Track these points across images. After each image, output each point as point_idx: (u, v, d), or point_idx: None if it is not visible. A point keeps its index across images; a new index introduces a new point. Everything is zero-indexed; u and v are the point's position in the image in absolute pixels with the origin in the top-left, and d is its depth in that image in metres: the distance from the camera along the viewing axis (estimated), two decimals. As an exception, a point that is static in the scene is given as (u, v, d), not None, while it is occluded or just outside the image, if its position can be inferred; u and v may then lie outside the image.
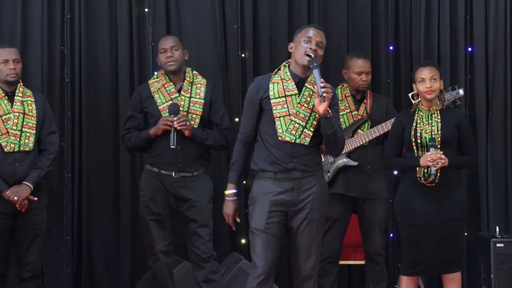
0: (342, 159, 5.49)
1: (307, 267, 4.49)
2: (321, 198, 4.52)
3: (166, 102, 5.25)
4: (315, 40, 4.46)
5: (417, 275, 5.05)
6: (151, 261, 5.31)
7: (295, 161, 4.44)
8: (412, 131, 4.93)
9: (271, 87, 4.50)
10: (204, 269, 5.23)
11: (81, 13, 6.24)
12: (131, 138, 5.30)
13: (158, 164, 5.25)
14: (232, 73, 6.35)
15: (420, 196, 4.91)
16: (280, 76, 4.53)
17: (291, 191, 4.45)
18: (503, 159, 6.37)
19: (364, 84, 5.53)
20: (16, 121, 5.12)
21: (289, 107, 4.46)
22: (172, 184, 5.23)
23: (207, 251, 5.23)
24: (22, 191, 5.05)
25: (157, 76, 5.37)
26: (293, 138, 4.44)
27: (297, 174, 4.44)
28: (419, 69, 4.96)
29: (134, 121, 5.32)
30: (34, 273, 5.19)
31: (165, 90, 5.28)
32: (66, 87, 6.23)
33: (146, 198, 5.28)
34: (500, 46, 6.37)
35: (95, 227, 6.26)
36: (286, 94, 4.48)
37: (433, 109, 4.94)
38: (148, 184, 5.29)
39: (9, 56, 5.15)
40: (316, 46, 4.45)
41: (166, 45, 5.29)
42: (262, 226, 4.43)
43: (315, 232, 4.49)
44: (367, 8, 6.41)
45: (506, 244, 5.72)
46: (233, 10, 6.33)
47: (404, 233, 5.01)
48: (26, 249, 5.17)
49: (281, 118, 4.45)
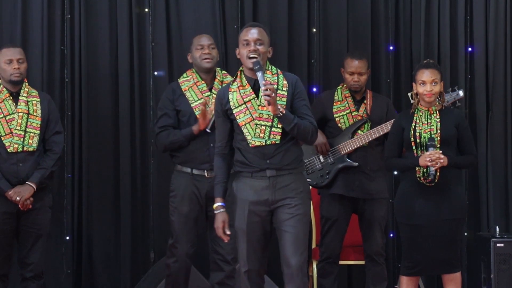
0: (342, 159, 5.49)
1: (294, 263, 4.47)
2: (302, 194, 4.51)
3: (198, 99, 5.20)
4: (252, 40, 4.46)
5: (417, 275, 5.05)
6: (171, 261, 5.23)
7: (269, 162, 4.46)
8: (411, 131, 4.93)
9: (231, 97, 4.52)
10: (223, 272, 5.20)
11: (81, 13, 6.23)
12: (169, 135, 5.21)
13: (190, 163, 5.20)
14: (232, 73, 6.32)
15: (420, 196, 4.91)
16: (237, 83, 4.55)
17: (267, 190, 4.47)
18: (503, 159, 6.38)
19: (355, 84, 5.51)
20: (20, 121, 5.11)
21: (251, 111, 4.48)
22: (204, 184, 5.18)
23: (233, 252, 5.15)
24: (25, 191, 5.04)
25: (187, 75, 5.32)
26: (262, 141, 4.46)
27: (272, 172, 4.47)
28: (421, 70, 4.93)
29: (168, 119, 5.24)
30: (36, 273, 5.18)
31: (197, 88, 5.24)
32: (66, 87, 6.22)
33: (177, 199, 5.22)
34: (500, 46, 6.37)
35: (95, 227, 6.26)
36: (245, 101, 4.49)
37: (432, 109, 4.94)
38: (180, 185, 5.22)
39: (13, 56, 5.14)
40: (255, 46, 4.45)
41: (204, 42, 5.25)
42: (243, 226, 4.50)
43: (299, 227, 4.48)
44: (367, 8, 6.41)
45: (506, 244, 5.72)
46: (233, 10, 6.33)
47: (404, 233, 5.00)
48: (29, 249, 5.16)
49: (247, 125, 4.47)
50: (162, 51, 6.29)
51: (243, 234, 4.51)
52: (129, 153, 6.22)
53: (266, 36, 4.51)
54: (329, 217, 5.50)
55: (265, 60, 4.51)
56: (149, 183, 6.28)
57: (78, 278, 6.25)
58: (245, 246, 4.51)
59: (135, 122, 6.27)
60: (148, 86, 6.27)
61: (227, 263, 5.20)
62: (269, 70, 4.56)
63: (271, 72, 4.56)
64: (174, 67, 6.24)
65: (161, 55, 6.29)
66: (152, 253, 6.22)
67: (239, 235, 4.54)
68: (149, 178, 6.27)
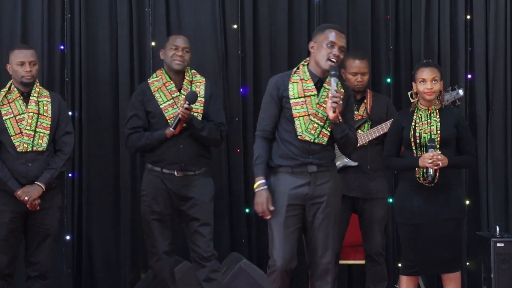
0: (342, 159, 5.49)
1: (325, 261, 4.59)
2: (336, 193, 4.65)
3: (167, 101, 5.24)
4: (338, 45, 4.54)
5: (417, 275, 5.05)
6: (153, 261, 5.30)
7: (312, 157, 4.57)
8: (411, 131, 4.93)
9: (291, 87, 4.60)
10: (205, 268, 5.22)
11: (81, 13, 6.24)
12: (140, 138, 5.25)
13: (160, 163, 5.23)
14: (232, 73, 6.35)
15: (419, 196, 4.91)
16: (299, 75, 4.63)
17: (307, 185, 4.57)
18: (503, 159, 6.37)
19: (359, 85, 5.53)
20: (30, 121, 5.11)
21: (308, 107, 4.57)
22: (174, 183, 5.22)
23: (209, 250, 5.22)
24: (33, 191, 5.04)
25: (157, 75, 5.35)
26: (312, 137, 4.57)
27: (313, 168, 4.57)
28: (421, 69, 4.94)
29: (138, 121, 5.28)
30: (41, 273, 5.18)
31: (166, 89, 5.28)
32: (66, 86, 6.23)
33: (149, 198, 5.26)
34: (500, 46, 6.37)
35: (95, 227, 6.26)
36: (305, 95, 4.59)
37: (432, 108, 4.94)
38: (150, 183, 5.27)
39: (25, 58, 5.14)
40: (339, 52, 4.53)
41: (179, 44, 5.26)
42: (281, 219, 4.55)
43: (332, 226, 4.60)
44: (367, 8, 6.41)
45: (506, 244, 5.72)
46: (233, 10, 6.33)
47: (403, 233, 5.00)
48: (35, 248, 5.16)
49: (300, 118, 4.57)
50: (162, 51, 6.29)
51: (280, 228, 4.56)
52: (129, 152, 6.21)
53: (345, 46, 4.62)
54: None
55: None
56: (149, 183, 6.27)
57: (78, 278, 6.25)
58: (281, 239, 4.55)
59: (135, 122, 6.26)
60: (148, 86, 6.26)
61: (206, 260, 5.22)
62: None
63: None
64: (174, 67, 6.24)
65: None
66: (152, 253, 6.22)
67: (275, 229, 4.57)
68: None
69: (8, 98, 5.17)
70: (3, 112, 5.12)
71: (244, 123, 6.32)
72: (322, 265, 4.60)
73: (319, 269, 4.62)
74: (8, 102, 5.16)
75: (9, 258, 5.12)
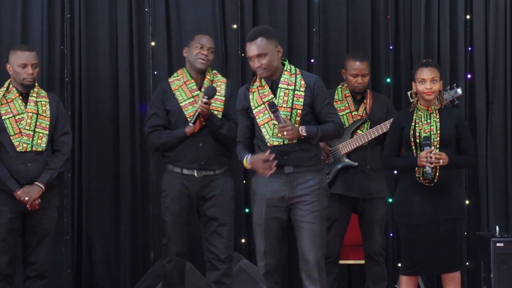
0: (342, 159, 5.49)
1: (311, 259, 4.58)
2: (319, 191, 4.62)
3: (187, 99, 5.21)
4: (252, 56, 4.58)
5: (416, 274, 5.05)
6: (165, 261, 5.26)
7: (286, 158, 4.56)
8: (411, 131, 4.92)
9: (251, 98, 4.65)
10: (218, 270, 5.19)
11: (81, 13, 6.24)
12: (160, 136, 5.22)
13: (180, 162, 5.20)
14: (232, 73, 6.35)
15: (419, 196, 4.90)
16: (257, 83, 4.66)
17: (285, 186, 4.58)
18: (503, 159, 6.37)
19: (359, 86, 5.53)
20: (29, 121, 5.11)
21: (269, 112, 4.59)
22: (194, 184, 5.18)
23: (226, 251, 5.18)
24: (33, 192, 5.05)
25: (178, 74, 5.33)
26: (280, 140, 4.59)
27: (289, 169, 4.58)
28: (420, 68, 4.93)
29: (158, 119, 5.25)
30: (39, 273, 5.18)
31: (187, 88, 5.25)
32: (66, 86, 6.23)
33: (168, 199, 5.23)
34: (500, 46, 6.37)
35: (95, 227, 6.26)
36: (263, 101, 4.62)
37: (432, 108, 4.94)
38: (171, 184, 5.23)
39: (28, 61, 5.13)
40: (259, 62, 4.55)
41: (205, 43, 5.24)
42: (261, 221, 4.61)
43: (316, 223, 4.59)
44: (367, 8, 6.41)
45: (506, 244, 5.72)
46: (233, 10, 6.33)
47: (403, 233, 5.00)
48: (33, 248, 5.16)
49: (265, 125, 4.60)
50: (162, 51, 6.29)
51: (260, 229, 4.63)
52: (129, 152, 6.22)
53: (267, 44, 4.56)
54: (329, 217, 5.46)
55: (277, 63, 4.61)
56: (149, 183, 6.28)
57: (78, 278, 6.25)
58: (262, 241, 4.63)
59: (135, 122, 6.27)
60: (148, 86, 6.27)
61: (222, 262, 5.19)
62: (287, 71, 4.65)
63: (289, 72, 4.66)
64: (174, 67, 6.22)
65: (161, 55, 6.29)
66: (152, 253, 6.23)
67: (256, 230, 4.65)
68: (149, 178, 6.27)
69: (6, 97, 5.16)
70: (2, 112, 5.12)
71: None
72: (309, 263, 4.58)
73: (306, 267, 4.59)
74: (7, 102, 5.15)
75: (9, 258, 5.13)
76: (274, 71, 4.61)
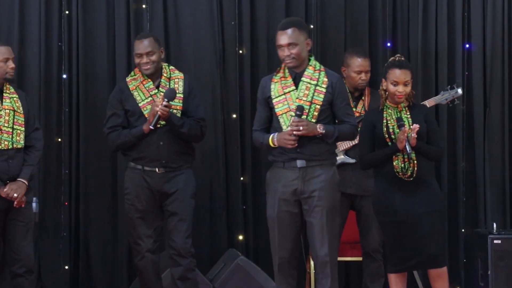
0: (339, 156, 5.49)
1: (322, 253, 4.64)
2: (330, 187, 4.67)
3: (146, 99, 5.22)
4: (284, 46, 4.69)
5: (404, 271, 4.98)
6: (137, 259, 5.28)
7: (299, 151, 4.62)
8: (384, 128, 4.88)
9: (272, 87, 4.72)
10: (180, 266, 5.19)
11: (78, 9, 6.24)
12: (119, 136, 5.24)
13: (141, 161, 5.21)
14: (229, 70, 6.35)
15: (399, 192, 4.84)
16: (280, 74, 4.74)
17: (297, 180, 4.64)
18: (500, 156, 6.37)
19: (363, 83, 5.54)
20: (7, 118, 5.08)
21: (289, 103, 4.67)
22: (156, 179, 5.20)
23: (186, 247, 5.18)
24: (21, 188, 5.04)
25: (135, 74, 5.33)
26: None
27: (302, 163, 4.63)
28: (394, 69, 4.85)
29: (117, 119, 5.27)
30: (28, 268, 5.13)
31: (144, 87, 5.26)
32: (63, 83, 6.23)
33: (132, 196, 5.24)
34: (497, 43, 6.37)
35: (92, 224, 6.26)
36: (285, 92, 4.69)
37: (401, 106, 4.91)
38: (133, 181, 5.25)
39: (9, 55, 5.12)
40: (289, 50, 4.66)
41: (141, 51, 5.21)
42: (274, 214, 4.68)
43: (326, 219, 4.63)
44: (364, 5, 6.41)
45: (504, 241, 5.73)
46: (230, 6, 6.33)
47: (387, 231, 4.93)
48: (18, 244, 5.11)
49: (283, 115, 4.67)
50: (159, 47, 6.28)
51: (273, 222, 4.69)
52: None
53: (299, 35, 4.67)
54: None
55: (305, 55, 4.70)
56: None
57: (75, 274, 6.25)
58: (276, 234, 4.68)
59: (132, 119, 6.25)
60: (146, 82, 6.25)
61: (183, 257, 5.19)
62: (312, 66, 4.74)
63: (314, 68, 4.75)
64: (171, 63, 6.22)
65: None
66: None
67: (270, 223, 4.71)
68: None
69: None
70: None
71: (242, 120, 6.31)
72: (320, 257, 4.65)
73: (318, 262, 4.68)
74: None
75: None
76: (301, 63, 4.69)
